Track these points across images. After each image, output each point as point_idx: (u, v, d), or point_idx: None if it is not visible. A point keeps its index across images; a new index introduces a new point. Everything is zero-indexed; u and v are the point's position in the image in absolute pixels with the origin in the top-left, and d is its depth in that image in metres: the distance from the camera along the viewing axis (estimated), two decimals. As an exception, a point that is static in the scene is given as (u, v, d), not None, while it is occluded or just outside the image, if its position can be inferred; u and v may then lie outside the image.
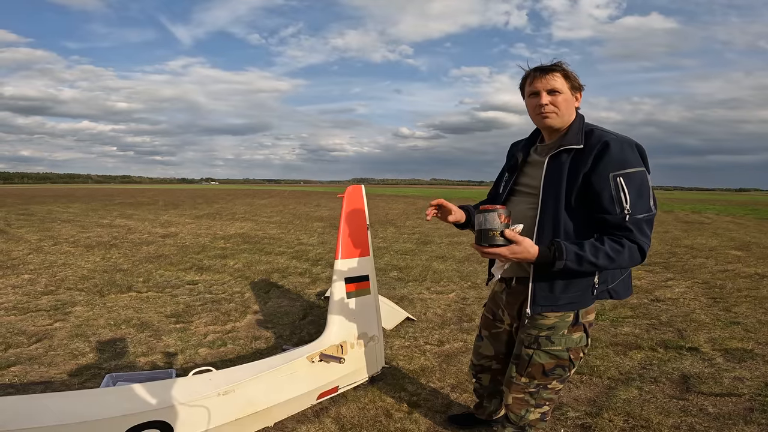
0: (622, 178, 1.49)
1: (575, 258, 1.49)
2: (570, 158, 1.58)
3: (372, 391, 2.68)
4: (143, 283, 5.39)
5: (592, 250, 1.49)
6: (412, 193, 42.84)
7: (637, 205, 1.49)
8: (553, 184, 1.59)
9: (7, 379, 2.78)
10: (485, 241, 1.51)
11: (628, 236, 1.50)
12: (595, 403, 2.58)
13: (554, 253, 1.50)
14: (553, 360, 1.71)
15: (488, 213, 1.50)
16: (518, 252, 1.51)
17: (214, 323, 3.97)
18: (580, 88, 1.65)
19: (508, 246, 1.51)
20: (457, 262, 7.01)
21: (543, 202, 1.61)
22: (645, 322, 4.02)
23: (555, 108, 1.60)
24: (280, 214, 16.31)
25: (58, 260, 6.81)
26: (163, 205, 20.44)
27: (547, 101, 1.59)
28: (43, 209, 17.48)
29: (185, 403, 1.67)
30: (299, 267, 6.52)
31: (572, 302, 1.66)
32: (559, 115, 1.62)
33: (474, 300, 4.83)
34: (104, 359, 3.15)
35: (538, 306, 1.66)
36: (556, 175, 1.60)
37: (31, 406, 1.46)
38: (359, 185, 2.71)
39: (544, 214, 1.61)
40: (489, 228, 1.49)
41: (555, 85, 1.59)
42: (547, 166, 1.63)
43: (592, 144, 1.54)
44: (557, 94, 1.59)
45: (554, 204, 1.58)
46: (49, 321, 3.94)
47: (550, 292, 1.64)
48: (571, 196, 1.56)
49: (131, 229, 11.15)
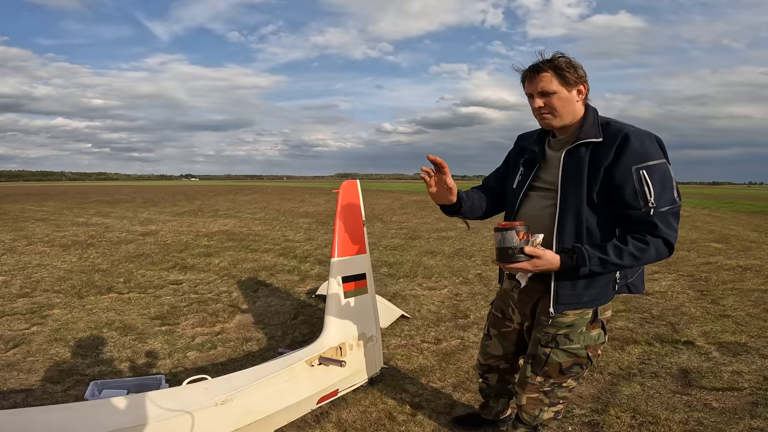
0: (645, 171, 1.44)
1: (599, 262, 1.46)
2: (589, 152, 1.52)
3: (372, 393, 2.59)
4: (124, 284, 5.17)
5: (616, 252, 1.45)
6: (396, 188, 42.81)
7: (662, 197, 1.45)
8: (573, 179, 1.53)
9: None
10: (506, 259, 1.49)
11: (653, 231, 1.46)
12: (599, 400, 2.55)
13: (577, 261, 1.46)
14: (571, 358, 1.66)
15: (506, 231, 1.47)
16: (541, 265, 1.48)
17: (201, 325, 3.82)
18: (579, 81, 1.53)
19: (530, 261, 1.47)
20: (446, 257, 6.96)
21: (562, 198, 1.55)
22: (638, 316, 4.03)
23: (550, 109, 1.53)
24: (264, 210, 16.01)
25: (32, 261, 6.50)
26: (142, 203, 19.86)
27: (540, 104, 1.53)
28: (15, 208, 16.76)
29: (181, 415, 1.55)
30: (287, 264, 6.37)
31: (595, 299, 1.62)
32: (556, 116, 1.55)
33: (467, 296, 4.78)
34: (87, 365, 2.97)
35: (561, 305, 1.60)
36: (575, 170, 1.53)
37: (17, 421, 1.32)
38: (354, 180, 2.63)
39: (565, 210, 1.54)
40: (509, 246, 1.47)
41: (545, 86, 1.51)
42: (564, 161, 1.57)
43: (611, 137, 1.49)
44: (551, 96, 1.52)
45: (575, 200, 1.52)
46: (26, 325, 3.72)
47: (573, 290, 1.58)
48: (593, 191, 1.50)
49: (109, 227, 10.76)
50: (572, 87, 1.52)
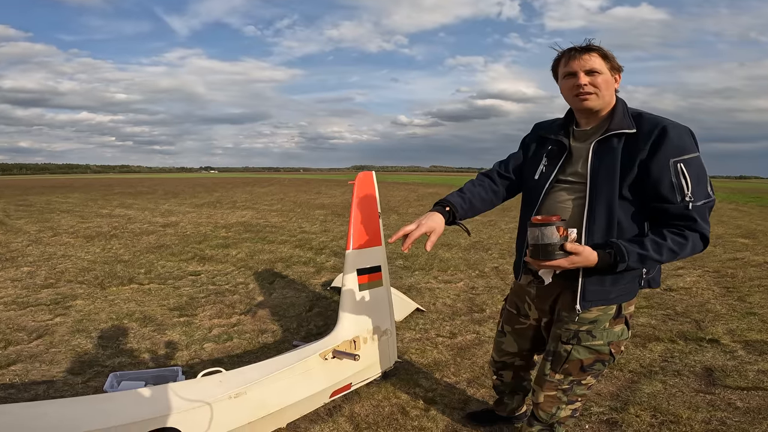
0: (682, 164, 1.39)
1: (638, 258, 1.41)
2: (622, 144, 1.46)
3: (386, 387, 2.59)
4: (145, 275, 5.29)
5: (655, 247, 1.40)
6: (412, 180, 42.65)
7: (698, 191, 1.39)
8: (605, 171, 1.47)
9: (7, 379, 2.68)
10: (543, 256, 1.41)
11: (690, 226, 1.40)
12: (618, 398, 2.50)
13: (615, 257, 1.41)
14: (592, 355, 1.62)
15: (544, 227, 1.39)
16: (578, 262, 1.43)
17: (218, 316, 3.87)
18: (620, 69, 1.54)
19: (568, 257, 1.41)
20: (462, 250, 6.90)
21: (592, 191, 1.49)
22: (660, 313, 3.92)
23: (595, 89, 1.48)
24: (281, 202, 16.15)
25: (57, 252, 6.70)
26: (163, 194, 20.27)
27: (585, 81, 1.48)
28: (41, 200, 17.31)
29: (196, 407, 1.57)
30: (303, 256, 6.42)
31: (622, 295, 1.57)
32: (599, 97, 1.50)
33: (483, 289, 4.73)
34: (107, 356, 3.05)
35: (588, 302, 1.55)
36: (607, 162, 1.48)
37: (33, 415, 1.36)
38: (370, 171, 2.57)
39: (595, 204, 1.49)
40: (547, 243, 1.39)
41: (593, 65, 1.47)
42: (593, 153, 1.51)
43: (646, 129, 1.44)
44: (596, 75, 1.48)
45: (607, 193, 1.46)
46: (50, 316, 3.83)
47: (601, 287, 1.53)
48: (625, 184, 1.45)
49: (131, 218, 11.02)
50: (615, 72, 1.52)
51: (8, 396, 2.47)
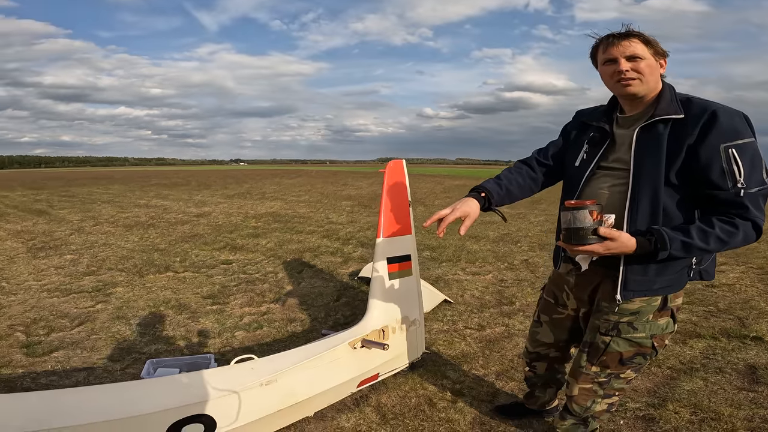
0: (734, 149, 1.31)
1: (681, 246, 1.33)
2: (668, 129, 1.39)
3: (413, 378, 2.59)
4: (180, 263, 5.47)
5: (701, 236, 1.32)
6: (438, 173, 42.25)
7: (752, 177, 1.31)
8: (649, 157, 1.41)
9: (50, 366, 2.80)
10: (575, 240, 1.37)
11: (741, 214, 1.33)
12: (656, 394, 2.41)
13: (656, 244, 1.34)
14: (633, 348, 1.56)
15: (577, 211, 1.34)
16: (614, 248, 1.36)
17: (249, 305, 3.97)
18: (665, 54, 1.46)
19: (602, 243, 1.35)
20: (491, 242, 6.79)
21: (635, 178, 1.43)
22: (702, 309, 3.75)
23: (638, 74, 1.42)
24: (309, 193, 16.35)
25: (99, 240, 7.01)
26: (196, 186, 20.89)
27: (627, 67, 1.42)
28: (83, 191, 18.17)
29: (228, 394, 1.61)
30: (330, 246, 6.48)
31: (667, 286, 1.50)
32: (643, 82, 1.43)
33: (512, 282, 4.65)
34: (144, 343, 3.17)
35: (629, 291, 1.49)
36: (652, 148, 1.41)
37: (74, 400, 1.43)
38: (400, 160, 2.54)
39: (638, 192, 1.43)
40: (580, 227, 1.34)
41: (635, 50, 1.41)
42: (637, 139, 1.45)
43: (695, 113, 1.36)
44: (639, 60, 1.41)
45: (652, 179, 1.40)
46: (91, 303, 4.01)
47: (644, 276, 1.47)
48: (671, 170, 1.38)
49: (167, 208, 11.42)
50: (659, 57, 1.46)
51: (50, 383, 2.58)
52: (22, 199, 14.90)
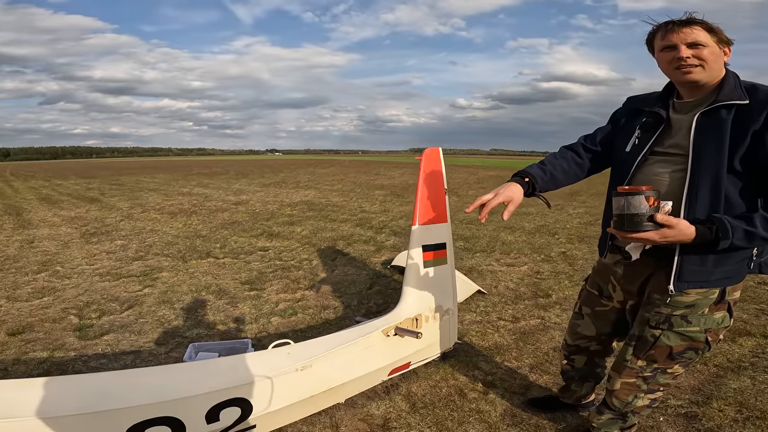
0: None
1: (744, 235, 1.27)
2: (732, 115, 1.33)
3: (444, 368, 2.59)
4: (220, 249, 5.68)
5: (765, 225, 1.26)
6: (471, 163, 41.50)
7: None
8: (711, 143, 1.35)
9: (100, 349, 2.96)
10: (629, 226, 1.30)
11: None
12: (701, 392, 2.32)
13: (716, 233, 1.28)
14: (685, 342, 1.50)
15: (631, 196, 1.28)
16: (670, 236, 1.30)
17: (284, 291, 4.08)
18: (729, 42, 1.39)
19: (658, 230, 1.29)
20: (527, 233, 6.64)
21: (694, 163, 1.37)
22: (753, 307, 3.53)
23: (700, 61, 1.36)
24: (342, 182, 16.53)
25: (146, 227, 7.39)
26: (235, 175, 21.57)
27: (688, 54, 1.35)
28: (132, 180, 19.17)
29: (265, 379, 1.67)
30: (363, 235, 6.54)
31: (726, 278, 1.42)
32: (705, 69, 1.37)
33: (549, 274, 4.53)
34: (187, 327, 3.32)
35: (684, 282, 1.43)
36: (713, 134, 1.35)
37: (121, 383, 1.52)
38: (437, 147, 2.51)
39: (698, 176, 1.36)
40: (634, 213, 1.28)
41: (697, 38, 1.35)
42: (697, 124, 1.38)
43: (761, 99, 1.31)
44: (701, 48, 1.35)
45: (713, 166, 1.34)
46: (140, 287, 4.24)
47: (701, 266, 1.40)
48: (735, 156, 1.32)
49: (208, 197, 11.88)
50: (723, 45, 1.39)
51: (100, 366, 2.74)
52: (75, 187, 15.90)
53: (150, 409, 1.41)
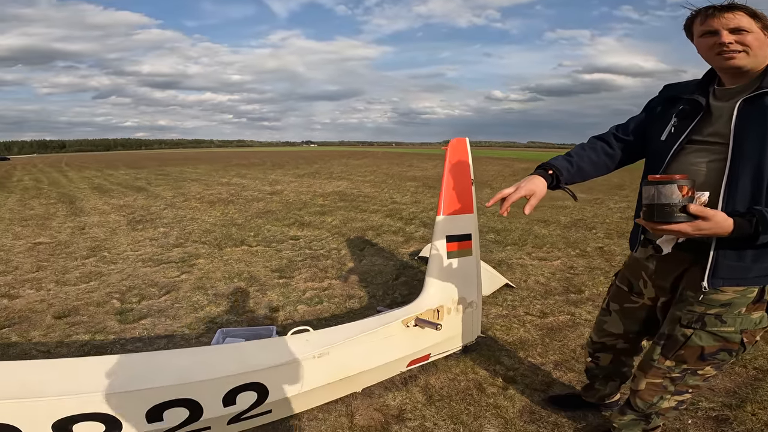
0: None
1: None
2: None
3: (464, 361, 2.57)
4: (254, 238, 5.86)
5: None
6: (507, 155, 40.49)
7: None
8: (754, 131, 1.27)
9: (137, 332, 3.11)
10: (659, 217, 1.21)
11: None
12: (736, 395, 2.20)
13: (757, 226, 1.20)
14: (718, 343, 1.41)
15: (662, 185, 1.19)
16: (705, 228, 1.21)
17: (312, 279, 4.16)
18: None
19: (692, 222, 1.21)
20: (561, 227, 6.43)
21: (735, 151, 1.29)
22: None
23: (744, 47, 1.28)
24: (374, 173, 16.59)
25: (187, 215, 7.73)
26: (271, 166, 22.12)
27: (730, 39, 1.28)
28: (176, 170, 20.07)
29: (282, 365, 1.72)
30: (393, 225, 6.55)
31: (765, 275, 1.34)
32: (750, 55, 1.29)
33: (583, 270, 4.38)
34: (218, 313, 3.45)
35: (719, 279, 1.35)
36: (757, 121, 1.27)
37: (150, 363, 1.61)
38: (463, 138, 2.46)
39: (739, 166, 1.28)
40: (665, 203, 1.19)
41: (740, 23, 1.27)
42: (739, 112, 1.30)
43: None
44: (745, 33, 1.27)
45: (756, 155, 1.26)
46: (177, 273, 4.44)
47: (738, 262, 1.32)
48: None
49: (245, 187, 12.26)
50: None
51: (135, 349, 2.87)
52: (125, 177, 16.84)
53: (169, 390, 1.48)
